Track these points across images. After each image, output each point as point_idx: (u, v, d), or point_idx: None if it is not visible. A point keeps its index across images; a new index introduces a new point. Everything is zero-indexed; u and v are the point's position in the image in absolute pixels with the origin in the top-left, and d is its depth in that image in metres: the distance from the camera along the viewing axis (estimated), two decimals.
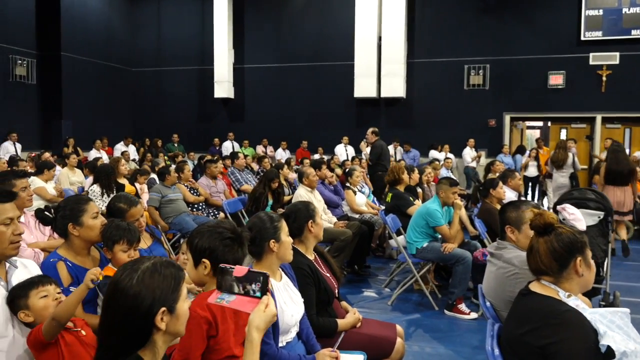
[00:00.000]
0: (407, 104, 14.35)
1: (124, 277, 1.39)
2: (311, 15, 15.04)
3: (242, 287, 1.54)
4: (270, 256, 2.36)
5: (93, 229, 2.64)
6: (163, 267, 1.45)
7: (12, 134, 12.07)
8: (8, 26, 12.76)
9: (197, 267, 2.02)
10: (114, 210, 3.12)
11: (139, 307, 1.37)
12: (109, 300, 1.39)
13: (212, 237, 2.01)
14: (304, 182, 5.94)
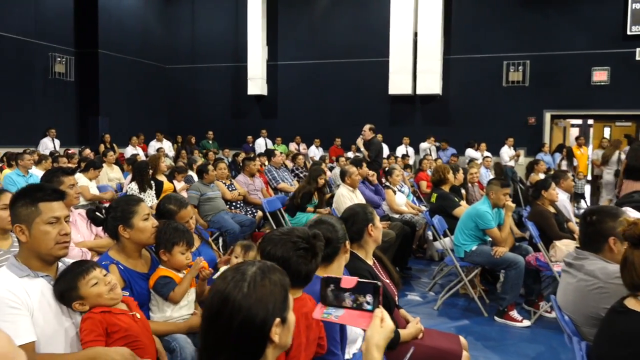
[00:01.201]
0: (443, 101, 14.05)
1: (232, 287, 1.24)
2: (345, 11, 14.86)
3: (351, 300, 1.39)
4: (341, 258, 2.24)
5: (144, 231, 2.55)
6: (270, 272, 1.30)
7: (51, 130, 12.26)
8: (48, 25, 12.96)
9: None
10: (163, 211, 3.03)
11: (253, 321, 1.22)
12: (217, 314, 1.23)
13: (285, 247, 1.88)
14: (346, 181, 5.79)
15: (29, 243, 1.90)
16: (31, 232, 1.90)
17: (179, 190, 7.40)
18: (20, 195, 1.94)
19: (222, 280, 1.27)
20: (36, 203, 1.91)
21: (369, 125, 9.51)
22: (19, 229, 1.89)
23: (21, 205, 1.91)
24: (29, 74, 12.63)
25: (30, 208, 1.90)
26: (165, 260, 2.58)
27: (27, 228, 1.89)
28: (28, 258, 1.93)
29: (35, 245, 1.91)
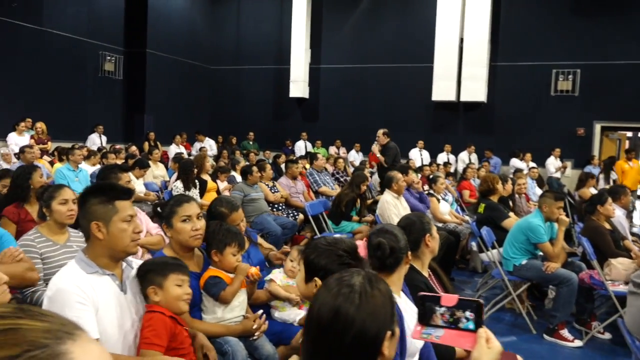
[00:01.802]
0: (487, 109, 13.76)
1: (343, 300, 1.19)
2: (390, 15, 14.75)
3: (452, 319, 1.33)
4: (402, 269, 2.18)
5: (181, 232, 2.53)
6: (376, 283, 1.25)
7: (99, 126, 12.59)
8: (100, 24, 13.34)
9: (308, 282, 1.86)
10: (215, 214, 3.03)
11: (366, 334, 1.17)
12: (327, 328, 1.18)
13: (330, 258, 1.84)
14: (392, 187, 5.70)
15: (105, 240, 1.91)
16: (109, 230, 1.91)
17: (222, 190, 7.46)
18: (93, 193, 1.96)
19: (326, 291, 1.22)
20: (113, 201, 1.93)
21: (382, 130, 9.32)
22: (96, 226, 1.90)
23: (98, 203, 1.92)
24: (80, 71, 13.02)
25: (108, 206, 1.92)
26: (216, 261, 2.58)
27: (105, 225, 1.91)
28: (99, 255, 1.94)
29: (112, 243, 1.92)
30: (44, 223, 2.95)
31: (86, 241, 1.98)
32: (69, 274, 1.89)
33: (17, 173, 4.02)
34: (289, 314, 2.87)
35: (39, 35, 11.87)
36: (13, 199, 3.94)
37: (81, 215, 1.96)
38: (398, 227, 2.29)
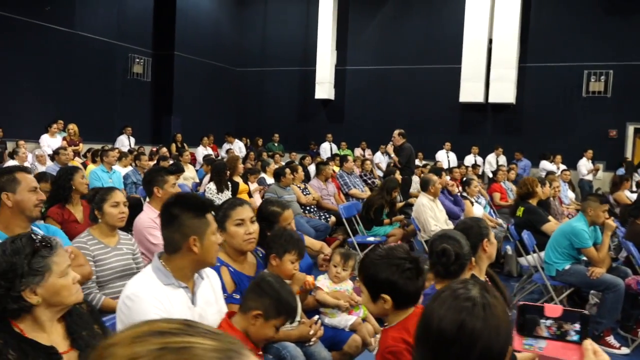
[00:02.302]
0: (516, 110, 13.56)
1: (467, 314, 1.16)
2: (417, 16, 14.64)
3: (559, 331, 1.29)
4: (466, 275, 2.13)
5: (234, 236, 2.51)
6: (493, 294, 1.22)
7: (128, 128, 12.75)
8: (129, 27, 13.52)
9: (375, 301, 1.81)
10: (266, 214, 3.01)
11: (492, 349, 1.14)
12: (452, 342, 1.15)
13: (390, 270, 1.79)
14: (429, 190, 5.63)
15: (199, 254, 1.90)
16: (203, 244, 1.90)
17: (253, 191, 7.47)
18: (184, 207, 1.92)
19: (443, 304, 1.19)
20: (205, 215, 1.93)
21: (398, 131, 9.28)
22: (193, 240, 1.88)
23: (193, 217, 1.90)
24: (109, 74, 13.20)
25: (202, 220, 1.92)
26: (273, 265, 2.56)
27: (200, 240, 1.90)
28: (182, 268, 1.93)
29: (204, 257, 1.93)
30: (95, 225, 2.97)
31: (169, 253, 1.94)
32: (146, 283, 1.87)
33: (59, 174, 4.07)
34: (339, 320, 2.84)
35: (70, 38, 12.07)
36: (56, 200, 3.98)
37: (171, 229, 1.91)
38: (460, 233, 2.23)
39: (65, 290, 1.63)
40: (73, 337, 1.68)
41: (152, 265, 1.94)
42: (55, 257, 1.64)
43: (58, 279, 1.62)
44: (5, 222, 2.46)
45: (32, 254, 1.60)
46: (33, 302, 1.59)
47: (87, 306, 1.81)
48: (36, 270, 1.59)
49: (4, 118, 10.56)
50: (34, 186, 2.49)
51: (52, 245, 1.65)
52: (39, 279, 1.59)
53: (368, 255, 1.91)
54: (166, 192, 3.52)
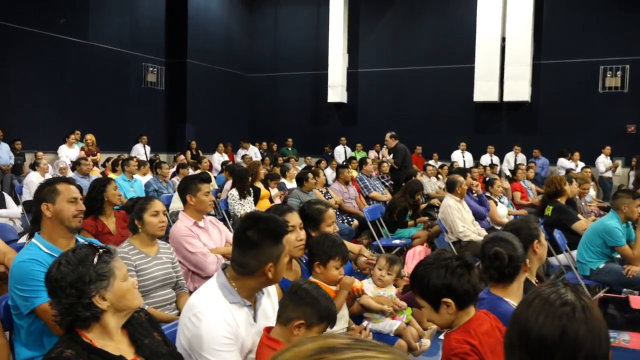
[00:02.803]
0: (532, 108, 13.46)
1: (567, 320, 1.14)
2: (429, 17, 14.61)
3: None
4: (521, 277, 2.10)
5: (287, 243, 2.49)
6: (585, 296, 1.20)
7: (143, 137, 12.81)
8: (142, 36, 13.61)
9: (438, 310, 1.79)
10: (310, 213, 2.97)
11: (595, 355, 1.12)
12: (555, 348, 1.14)
13: (441, 273, 1.78)
14: (456, 191, 5.58)
15: (272, 278, 1.90)
16: (277, 268, 1.90)
17: (274, 196, 7.46)
18: (261, 234, 1.88)
19: (537, 310, 1.16)
20: (282, 240, 1.92)
21: (389, 133, 9.47)
22: (269, 267, 1.86)
23: (272, 245, 1.88)
24: (123, 83, 13.29)
25: (279, 246, 1.90)
26: (318, 273, 2.53)
27: (275, 265, 1.88)
28: (251, 288, 1.91)
29: (275, 279, 1.93)
30: (135, 235, 2.96)
31: (240, 273, 1.90)
32: (212, 301, 1.84)
33: (92, 186, 4.07)
34: (383, 325, 2.81)
35: (85, 49, 12.17)
36: (89, 211, 3.98)
37: (249, 255, 1.87)
38: (512, 234, 2.19)
39: (129, 294, 1.67)
40: (137, 345, 1.69)
41: (217, 281, 1.90)
42: (116, 262, 1.68)
43: (122, 282, 1.66)
44: (49, 233, 2.46)
45: (96, 260, 1.63)
46: (103, 308, 1.61)
47: (144, 314, 1.81)
48: (102, 275, 1.62)
49: (22, 130, 10.66)
50: (74, 197, 2.48)
51: (112, 250, 1.69)
52: (106, 284, 1.62)
53: (416, 268, 1.89)
54: (199, 200, 3.51)
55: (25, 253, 2.34)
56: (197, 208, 3.48)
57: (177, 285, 3.07)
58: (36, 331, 2.28)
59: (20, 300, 2.26)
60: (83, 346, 1.57)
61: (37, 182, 7.63)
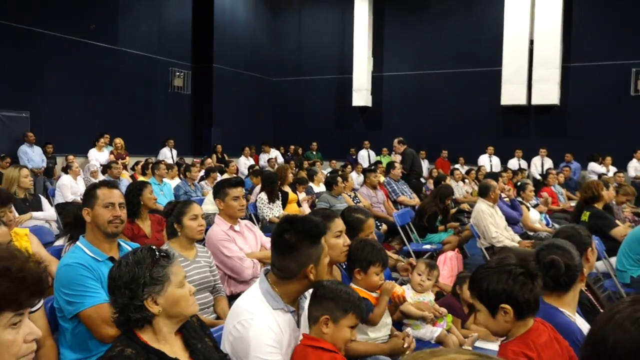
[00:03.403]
0: (561, 112, 13.22)
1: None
2: (455, 20, 14.47)
3: None
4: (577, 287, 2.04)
5: (334, 248, 2.46)
6: None
7: (170, 141, 12.95)
8: (169, 41, 13.79)
9: (495, 315, 1.74)
10: (350, 221, 2.94)
11: None
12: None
13: (503, 278, 1.73)
14: (489, 196, 5.49)
15: (314, 281, 1.89)
16: (318, 270, 1.89)
17: (302, 200, 7.45)
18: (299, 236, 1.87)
19: (618, 328, 1.11)
20: (320, 241, 1.91)
21: (397, 139, 9.62)
22: (310, 269, 1.86)
23: (311, 246, 1.87)
24: (151, 88, 13.46)
25: (318, 247, 1.89)
26: (358, 280, 2.49)
27: (315, 267, 1.87)
28: (293, 293, 1.90)
29: (317, 280, 1.91)
30: (174, 239, 2.97)
31: (282, 278, 1.89)
32: (257, 308, 1.82)
33: (128, 190, 4.10)
34: (424, 332, 2.76)
35: (115, 54, 12.37)
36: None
37: (288, 259, 1.86)
38: (569, 242, 2.13)
39: (183, 301, 1.65)
40: (191, 349, 1.69)
41: (261, 287, 1.89)
42: (173, 268, 1.66)
43: (176, 289, 1.64)
44: (91, 237, 2.48)
45: (152, 264, 1.63)
46: (154, 312, 1.61)
47: (196, 319, 1.81)
48: (156, 280, 1.62)
49: (54, 134, 10.87)
50: (110, 202, 2.47)
51: (170, 256, 1.68)
52: (159, 289, 1.62)
53: (476, 270, 1.84)
54: (227, 204, 3.49)
55: (71, 256, 2.36)
56: (226, 212, 3.48)
57: (214, 289, 3.06)
58: (81, 334, 2.29)
59: (64, 304, 2.27)
60: (142, 346, 1.57)
61: (69, 185, 7.77)
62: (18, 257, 1.10)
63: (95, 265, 2.33)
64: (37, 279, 1.10)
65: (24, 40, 10.45)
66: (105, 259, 2.39)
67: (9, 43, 10.22)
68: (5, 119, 10.16)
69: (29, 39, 10.53)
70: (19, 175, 4.72)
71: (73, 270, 2.26)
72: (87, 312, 2.23)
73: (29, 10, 10.47)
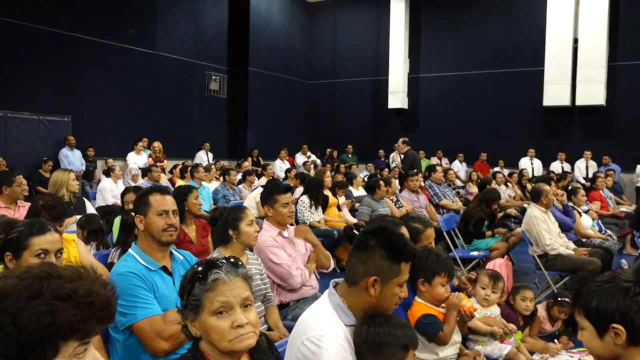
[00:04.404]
0: (607, 112, 12.71)
1: None
2: (495, 19, 14.11)
3: None
4: None
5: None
6: None
7: (206, 144, 13.01)
8: (206, 45, 13.86)
9: (602, 336, 1.54)
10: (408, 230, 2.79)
11: None
12: None
13: (618, 296, 1.52)
14: (541, 201, 5.23)
15: (374, 298, 1.72)
16: (382, 290, 1.72)
17: (342, 205, 7.31)
18: (379, 241, 1.74)
19: None
20: (400, 263, 1.73)
21: (402, 139, 9.87)
22: (373, 281, 1.70)
23: (386, 259, 1.72)
24: (187, 91, 13.56)
25: (394, 266, 1.72)
26: (422, 291, 2.33)
27: (381, 284, 1.71)
28: (360, 309, 1.75)
29: (378, 303, 1.74)
30: (227, 245, 2.86)
31: (348, 282, 1.76)
32: (330, 325, 1.68)
33: (173, 194, 4.02)
34: (492, 349, 2.57)
35: (152, 58, 12.49)
36: None
37: (359, 257, 1.74)
38: None
39: (214, 333, 1.44)
40: None
41: (331, 302, 1.76)
42: (210, 293, 1.45)
43: (209, 317, 1.45)
44: (144, 245, 2.39)
45: (192, 282, 1.49)
46: (194, 334, 1.49)
47: (265, 339, 1.68)
48: (190, 302, 1.48)
49: (93, 138, 11.02)
50: (163, 210, 2.37)
51: (207, 279, 1.47)
52: (193, 313, 1.48)
53: (586, 283, 1.65)
54: (276, 211, 3.38)
55: (124, 265, 2.27)
56: (275, 219, 3.37)
57: (265, 298, 2.95)
58: (133, 346, 2.20)
59: (117, 315, 2.18)
60: None
61: (110, 188, 7.83)
62: (85, 278, 0.96)
63: (148, 275, 2.24)
64: (106, 304, 0.95)
65: (65, 46, 10.64)
66: (157, 268, 2.30)
67: (52, 49, 10.42)
68: (48, 123, 10.35)
69: (71, 44, 10.72)
70: (68, 179, 4.73)
71: (126, 280, 2.16)
72: (139, 324, 2.13)
73: (70, 16, 10.66)
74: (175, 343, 2.11)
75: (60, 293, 0.89)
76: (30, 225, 2.19)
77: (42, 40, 10.23)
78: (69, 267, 0.97)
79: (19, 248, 2.16)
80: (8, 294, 0.88)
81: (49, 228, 2.23)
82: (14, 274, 0.94)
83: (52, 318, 0.87)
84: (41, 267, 0.95)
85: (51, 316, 0.87)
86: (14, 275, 0.93)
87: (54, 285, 0.90)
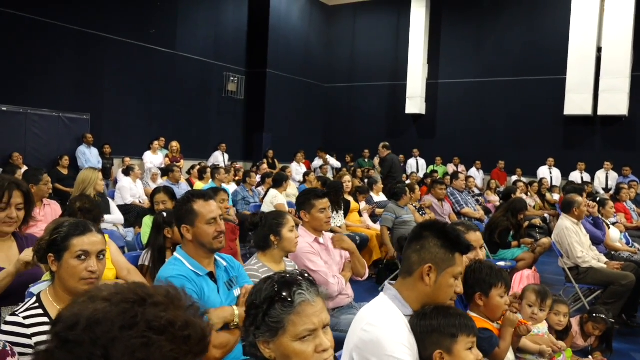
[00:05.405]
0: (630, 123, 12.52)
1: None
2: (516, 25, 13.96)
3: None
4: None
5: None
6: None
7: (222, 145, 12.97)
8: (225, 46, 13.85)
9: None
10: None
11: None
12: None
13: None
14: (573, 212, 5.11)
15: (429, 288, 1.74)
16: (438, 280, 1.74)
17: (363, 210, 7.22)
18: (433, 232, 1.77)
19: None
20: (454, 252, 1.76)
21: (383, 144, 9.79)
22: (428, 269, 1.74)
23: (440, 247, 1.75)
24: (206, 92, 13.54)
25: (448, 255, 1.74)
26: (480, 305, 2.23)
27: (436, 272, 1.74)
28: (415, 302, 1.76)
29: (434, 294, 1.75)
30: (266, 252, 2.78)
31: (403, 275, 1.79)
32: (388, 312, 1.71)
33: None
34: None
35: (172, 58, 12.49)
36: None
37: (413, 248, 1.77)
38: None
39: (298, 358, 1.35)
40: None
41: (388, 295, 1.77)
42: (295, 316, 1.35)
43: (291, 342, 1.34)
44: (192, 252, 2.32)
45: (271, 302, 1.37)
46: (267, 356, 1.39)
47: None
48: (268, 324, 1.36)
49: (111, 136, 11.02)
50: (212, 217, 2.31)
51: (294, 301, 1.36)
52: (270, 335, 1.36)
53: None
54: (313, 217, 3.30)
55: (173, 269, 2.21)
56: (312, 225, 3.29)
57: None
58: None
59: None
60: None
61: (129, 187, 7.79)
62: (180, 306, 0.83)
63: (196, 279, 2.17)
64: (202, 336, 0.83)
65: (87, 44, 10.66)
66: (205, 274, 2.24)
67: (74, 47, 10.44)
68: (67, 120, 10.35)
69: (92, 42, 10.73)
70: (96, 178, 4.68)
71: (179, 283, 2.09)
72: None
73: (92, 14, 10.67)
74: (225, 351, 2.05)
75: (156, 325, 0.78)
76: (72, 226, 2.12)
77: (64, 38, 10.25)
78: (160, 290, 0.85)
79: (61, 249, 2.09)
80: (99, 321, 0.77)
81: (90, 229, 2.16)
82: (101, 294, 0.82)
83: (147, 353, 0.76)
84: (132, 287, 0.84)
85: (146, 351, 0.76)
86: (102, 297, 0.81)
87: (149, 314, 0.79)
